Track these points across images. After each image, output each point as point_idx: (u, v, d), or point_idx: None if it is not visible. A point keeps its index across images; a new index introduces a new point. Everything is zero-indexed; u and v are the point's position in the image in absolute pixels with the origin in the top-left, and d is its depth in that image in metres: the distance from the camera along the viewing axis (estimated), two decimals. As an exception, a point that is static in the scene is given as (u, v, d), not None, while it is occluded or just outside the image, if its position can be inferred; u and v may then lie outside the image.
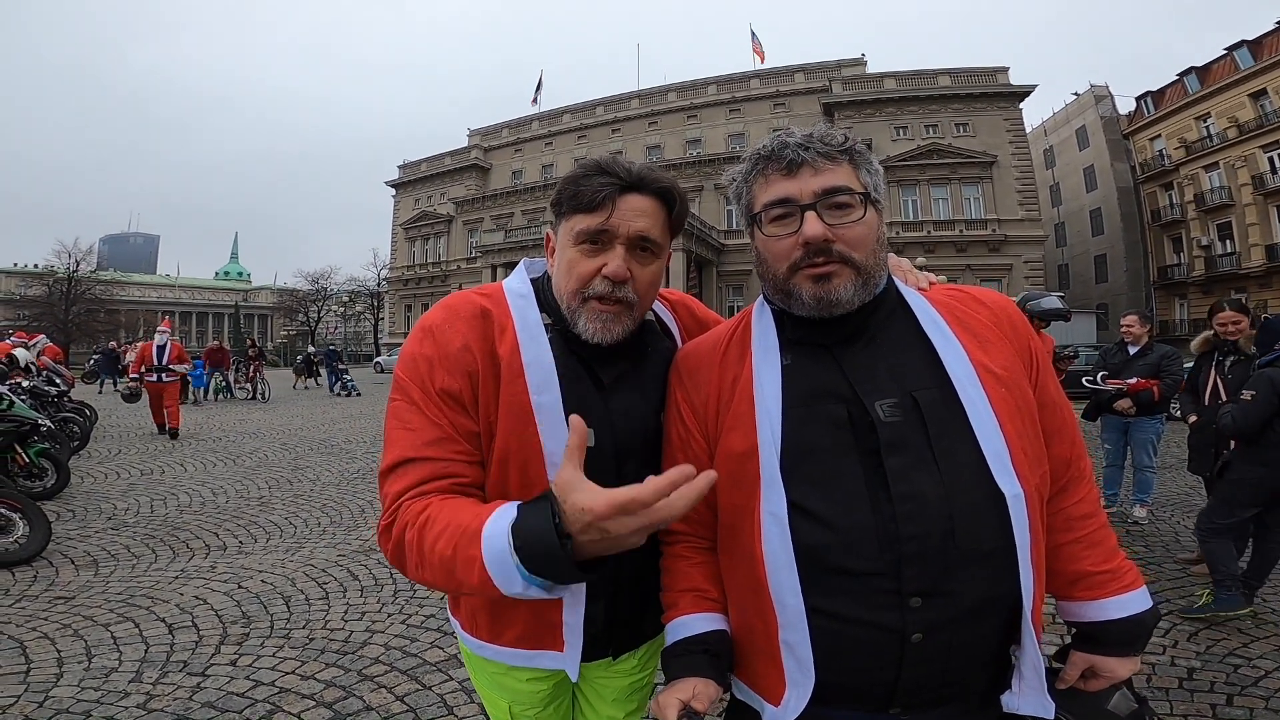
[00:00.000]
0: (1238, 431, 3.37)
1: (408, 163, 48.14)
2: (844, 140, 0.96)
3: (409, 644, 3.13)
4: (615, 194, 1.01)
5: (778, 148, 0.95)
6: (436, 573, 0.86)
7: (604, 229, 1.01)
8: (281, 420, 12.75)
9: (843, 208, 0.93)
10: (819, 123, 1.00)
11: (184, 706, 2.57)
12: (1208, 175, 30.37)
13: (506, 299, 1.08)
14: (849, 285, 0.92)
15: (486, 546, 0.80)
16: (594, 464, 1.04)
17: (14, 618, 3.41)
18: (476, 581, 0.81)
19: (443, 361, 1.00)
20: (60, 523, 5.15)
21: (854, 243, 0.93)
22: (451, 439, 0.98)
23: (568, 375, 1.05)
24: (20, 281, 56.23)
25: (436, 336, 1.02)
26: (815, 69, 35.73)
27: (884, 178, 1.01)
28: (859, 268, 0.93)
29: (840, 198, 0.92)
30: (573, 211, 1.03)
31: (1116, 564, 0.99)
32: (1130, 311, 5.29)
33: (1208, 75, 30.67)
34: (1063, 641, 1.03)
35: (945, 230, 30.10)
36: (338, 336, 62.29)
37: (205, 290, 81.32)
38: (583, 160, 1.06)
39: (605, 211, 1.01)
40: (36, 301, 46.82)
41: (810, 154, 0.93)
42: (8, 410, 5.76)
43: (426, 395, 0.99)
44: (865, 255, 0.93)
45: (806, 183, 0.93)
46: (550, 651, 1.09)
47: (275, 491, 6.45)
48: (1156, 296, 33.35)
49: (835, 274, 0.92)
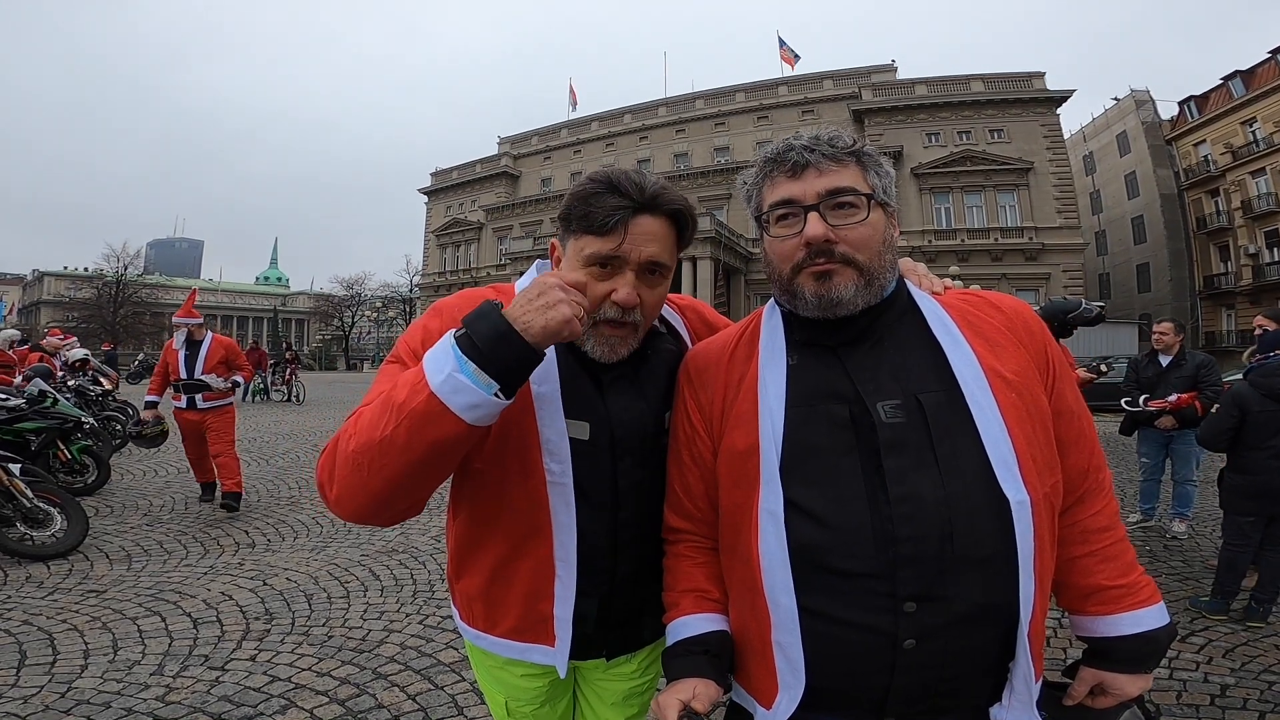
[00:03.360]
0: (1203, 443, 3.70)
1: (440, 170, 49.01)
2: (852, 142, 0.96)
3: (425, 644, 3.15)
4: (628, 217, 0.99)
5: (784, 150, 0.96)
6: (364, 430, 0.86)
7: (615, 255, 1.00)
8: (315, 422, 13.03)
9: (846, 208, 0.93)
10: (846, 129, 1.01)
11: (201, 700, 2.61)
12: (1255, 181, 29.39)
13: (516, 295, 1.09)
14: (850, 285, 0.92)
15: (427, 361, 0.85)
16: (590, 459, 1.06)
17: (45, 610, 3.51)
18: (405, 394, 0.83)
19: (442, 332, 1.00)
20: (98, 518, 5.31)
21: (857, 244, 0.93)
22: None
23: (568, 371, 1.06)
24: (70, 284, 58.61)
25: (444, 314, 1.05)
26: (845, 75, 35.51)
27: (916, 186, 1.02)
28: (862, 269, 0.93)
29: (843, 199, 0.93)
30: (583, 232, 1.01)
31: (1132, 579, 0.96)
32: (1165, 319, 5.07)
33: (1252, 79, 29.78)
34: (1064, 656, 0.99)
35: (980, 239, 29.50)
36: (371, 341, 63.54)
37: (246, 294, 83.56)
38: (594, 173, 1.04)
39: (617, 237, 0.99)
40: (86, 304, 48.76)
41: (815, 156, 0.94)
42: (52, 407, 5.97)
43: (415, 358, 0.99)
44: (869, 257, 0.93)
45: (811, 184, 0.93)
46: (541, 645, 1.10)
47: (305, 491, 6.57)
48: (1203, 306, 32.26)
49: (836, 273, 0.92)
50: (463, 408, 0.81)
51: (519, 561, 1.07)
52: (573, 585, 1.06)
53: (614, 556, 1.10)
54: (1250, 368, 3.56)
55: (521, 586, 1.08)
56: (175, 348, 5.79)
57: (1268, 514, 3.40)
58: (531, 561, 1.06)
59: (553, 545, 1.04)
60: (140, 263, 53.04)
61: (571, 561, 1.05)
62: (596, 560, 1.08)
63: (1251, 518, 3.44)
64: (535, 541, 1.06)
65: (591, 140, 42.44)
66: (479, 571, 1.12)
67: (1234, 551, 3.48)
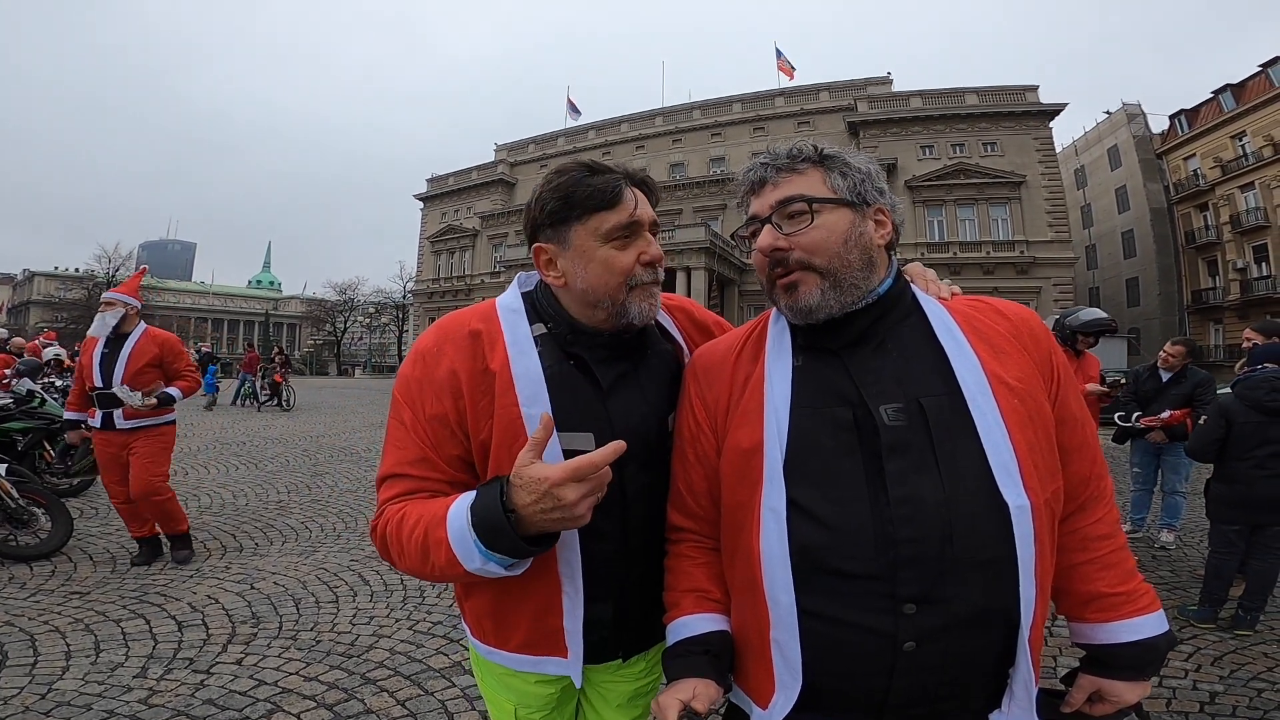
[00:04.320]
0: (1190, 453, 3.76)
1: (436, 176, 48.92)
2: (812, 150, 1.00)
3: (414, 649, 3.12)
4: (627, 186, 1.06)
5: (749, 170, 1.02)
6: (413, 559, 0.96)
7: (634, 220, 1.06)
8: (304, 427, 12.92)
9: (796, 216, 0.96)
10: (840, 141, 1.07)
11: (185, 703, 2.57)
12: (1243, 195, 29.67)
13: (498, 316, 1.11)
14: (814, 291, 0.95)
15: (450, 526, 0.91)
16: None
17: (27, 610, 3.46)
18: (444, 561, 0.92)
19: (430, 385, 1.05)
20: (83, 520, 5.25)
21: (810, 248, 0.95)
22: (431, 461, 1.05)
23: (565, 381, 1.06)
24: (60, 285, 58.17)
25: (426, 361, 1.07)
26: (840, 87, 35.71)
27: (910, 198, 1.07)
28: (822, 272, 0.95)
29: (791, 207, 0.96)
30: (595, 210, 1.04)
31: (1132, 586, 0.96)
32: (1179, 340, 5.08)
33: (1243, 93, 30.08)
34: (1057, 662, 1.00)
35: (972, 251, 29.64)
36: (363, 347, 63.25)
37: (238, 298, 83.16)
38: (559, 167, 1.09)
39: (629, 204, 1.05)
40: (75, 304, 48.32)
41: (769, 171, 0.99)
42: (39, 407, 5.92)
43: (416, 418, 1.05)
44: (826, 259, 0.95)
45: (766, 198, 0.99)
46: (555, 658, 1.10)
47: (294, 496, 6.51)
48: (1191, 321, 32.52)
49: (800, 281, 0.96)
50: (493, 575, 0.94)
51: (525, 579, 1.05)
52: (580, 599, 1.05)
53: (626, 561, 1.10)
54: (1237, 379, 3.61)
55: (529, 603, 1.08)
56: (94, 338, 4.08)
57: (1252, 523, 3.45)
58: (537, 578, 1.05)
59: (557, 561, 1.04)
60: (132, 264, 52.51)
61: (577, 576, 1.05)
62: (608, 567, 1.08)
63: (1237, 526, 3.48)
64: (539, 559, 1.04)
65: (588, 149, 42.50)
66: (485, 590, 1.12)
67: (1220, 560, 3.52)
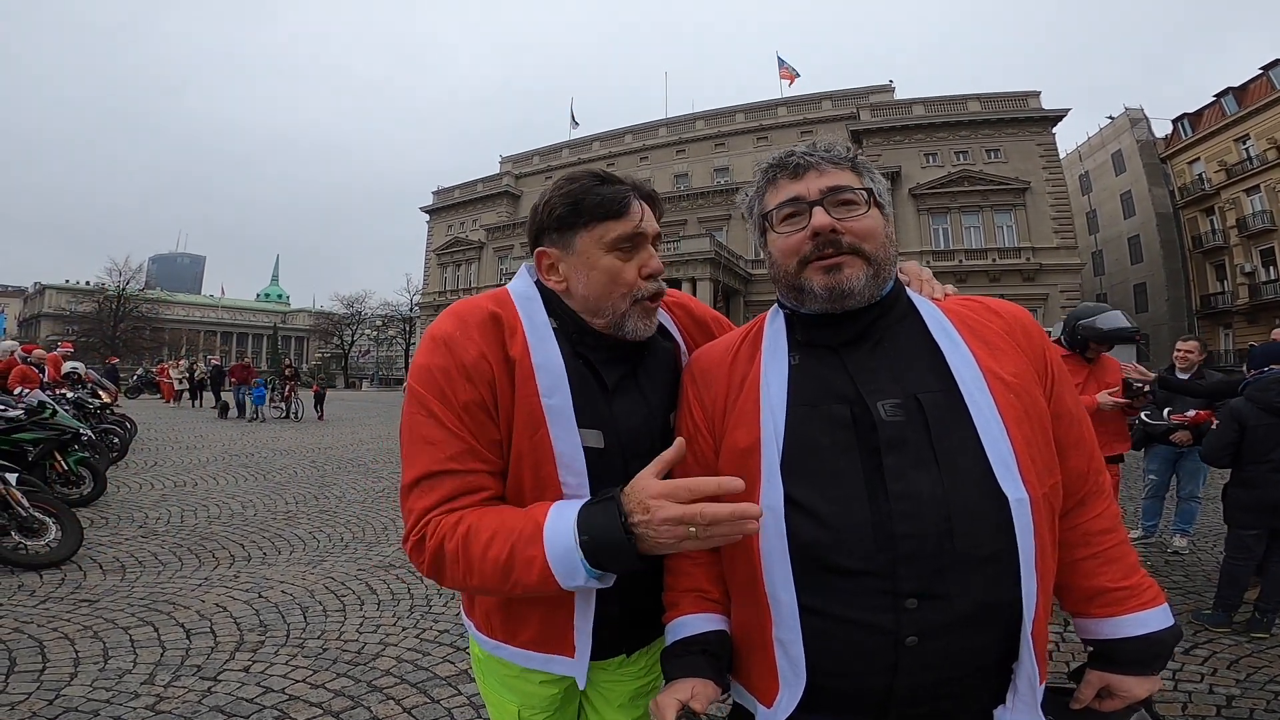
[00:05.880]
0: (1205, 458, 3.76)
1: (442, 189, 49.23)
2: (847, 151, 1.02)
3: (421, 658, 3.11)
4: (635, 198, 1.07)
5: (785, 156, 1.02)
6: (489, 577, 0.91)
7: (639, 231, 1.06)
8: (313, 439, 12.98)
9: (849, 204, 0.97)
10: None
11: (192, 710, 2.58)
12: (1249, 199, 29.52)
13: (513, 301, 1.10)
14: (860, 275, 0.95)
15: (550, 544, 0.87)
16: (604, 467, 1.05)
17: (37, 618, 3.48)
18: (535, 579, 0.88)
19: (461, 371, 1.00)
20: (93, 529, 5.27)
21: (863, 234, 0.96)
22: (475, 451, 0.99)
23: (575, 377, 1.06)
24: (71, 298, 58.68)
25: (451, 347, 1.01)
26: (843, 96, 35.84)
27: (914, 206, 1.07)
28: (869, 258, 0.96)
29: (845, 194, 0.97)
30: (601, 219, 1.05)
31: (1135, 581, 0.96)
32: (1190, 337, 5.07)
33: (1245, 95, 29.96)
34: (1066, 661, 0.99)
35: (978, 259, 29.50)
36: (370, 360, 63.42)
37: (246, 311, 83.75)
38: (568, 175, 1.09)
39: (636, 215, 1.06)
40: (86, 317, 48.73)
41: (815, 159, 1.00)
42: (50, 418, 5.96)
43: (447, 407, 0.99)
44: (875, 247, 0.96)
45: (813, 183, 0.98)
46: (561, 656, 1.09)
47: (302, 506, 6.53)
48: (1200, 326, 32.25)
49: (846, 264, 0.95)
50: (576, 588, 0.90)
51: None
52: (592, 596, 1.04)
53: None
54: (1246, 383, 3.57)
55: (543, 599, 1.07)
56: None
57: (1270, 527, 3.39)
58: None
59: None
60: (142, 277, 53.19)
61: None
62: None
63: (1255, 531, 3.43)
64: None
65: (592, 160, 42.68)
66: None
67: (1236, 565, 3.47)
